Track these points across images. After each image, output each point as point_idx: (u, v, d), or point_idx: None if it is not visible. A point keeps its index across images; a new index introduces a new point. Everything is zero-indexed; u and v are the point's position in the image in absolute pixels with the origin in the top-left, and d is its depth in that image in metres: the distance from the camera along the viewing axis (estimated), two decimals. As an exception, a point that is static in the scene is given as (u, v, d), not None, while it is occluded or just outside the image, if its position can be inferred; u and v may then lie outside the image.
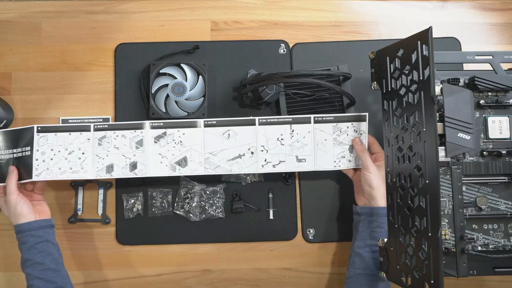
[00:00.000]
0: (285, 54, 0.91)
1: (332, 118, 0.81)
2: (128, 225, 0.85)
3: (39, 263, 0.70)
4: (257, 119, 0.81)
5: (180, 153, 0.81)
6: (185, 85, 0.82)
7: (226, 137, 0.81)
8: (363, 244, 0.75)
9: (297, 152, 0.81)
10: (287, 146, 0.81)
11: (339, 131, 0.82)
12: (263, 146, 0.81)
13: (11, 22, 0.90)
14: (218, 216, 0.85)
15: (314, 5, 0.94)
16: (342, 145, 0.82)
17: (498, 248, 0.77)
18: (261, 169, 0.81)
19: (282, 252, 0.86)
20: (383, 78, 0.78)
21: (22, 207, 0.73)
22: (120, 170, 0.80)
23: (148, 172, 0.80)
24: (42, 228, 0.73)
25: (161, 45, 0.90)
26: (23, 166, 0.78)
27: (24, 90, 0.88)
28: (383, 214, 0.75)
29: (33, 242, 0.71)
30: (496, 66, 0.78)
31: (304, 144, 0.81)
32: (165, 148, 0.80)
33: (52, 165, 0.78)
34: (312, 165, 0.81)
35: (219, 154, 0.81)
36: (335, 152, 0.82)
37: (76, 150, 0.79)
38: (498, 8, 0.95)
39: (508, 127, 0.78)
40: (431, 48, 0.65)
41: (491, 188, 0.78)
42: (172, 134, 0.81)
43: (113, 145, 0.80)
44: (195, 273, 0.86)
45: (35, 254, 0.70)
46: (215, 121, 0.81)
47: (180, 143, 0.81)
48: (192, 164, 0.80)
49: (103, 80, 0.89)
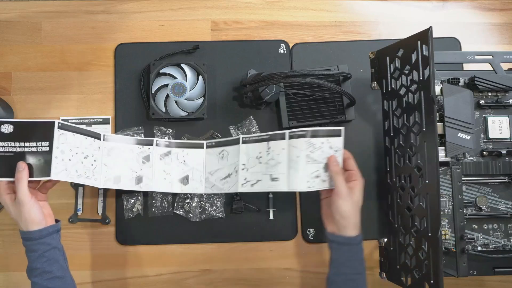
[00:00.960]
0: (285, 54, 0.91)
1: (305, 133, 0.73)
2: (128, 225, 0.85)
3: (47, 272, 0.68)
4: (241, 137, 0.81)
5: (183, 172, 0.84)
6: (185, 85, 0.82)
7: (221, 157, 0.83)
8: (338, 272, 0.71)
9: (271, 171, 0.76)
10: (263, 164, 0.77)
11: (312, 147, 0.73)
12: (244, 165, 0.79)
13: (11, 22, 0.90)
14: (218, 216, 0.85)
15: (314, 5, 0.94)
16: (315, 163, 0.72)
17: (498, 248, 0.77)
18: (241, 188, 0.79)
19: (282, 252, 0.86)
20: (383, 78, 0.78)
21: (36, 213, 0.68)
22: (127, 182, 0.80)
23: (153, 187, 0.82)
24: (51, 234, 0.70)
25: (161, 45, 0.90)
26: (37, 162, 0.71)
27: (24, 90, 0.88)
28: (356, 243, 0.70)
29: (42, 251, 0.68)
30: (496, 66, 0.78)
31: (278, 162, 0.75)
32: (170, 165, 0.83)
33: (70, 166, 0.74)
34: (285, 185, 0.74)
35: (215, 174, 0.83)
36: (308, 170, 0.72)
37: (90, 156, 0.76)
38: (498, 8, 0.95)
39: (508, 127, 0.78)
40: (431, 48, 0.65)
41: (491, 188, 0.78)
42: (176, 153, 0.84)
43: (121, 157, 0.79)
44: (195, 273, 0.86)
45: (43, 263, 0.68)
46: (214, 142, 0.84)
47: (184, 162, 0.84)
48: (193, 183, 0.84)
49: (103, 80, 0.89)
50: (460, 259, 0.73)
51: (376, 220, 0.86)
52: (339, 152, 0.73)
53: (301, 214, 0.87)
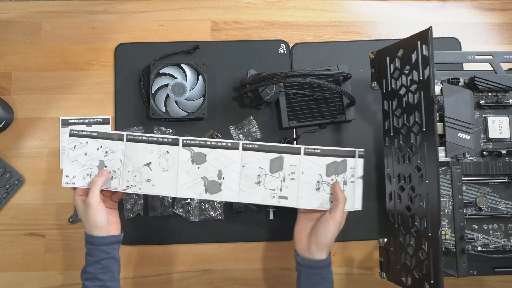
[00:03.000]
0: (285, 54, 0.91)
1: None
2: (128, 225, 0.85)
3: (99, 279, 0.69)
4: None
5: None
6: (185, 85, 0.82)
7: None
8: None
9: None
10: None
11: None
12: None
13: (11, 22, 0.90)
14: (217, 217, 0.85)
15: (314, 5, 0.94)
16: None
17: (498, 248, 0.77)
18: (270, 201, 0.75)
19: (282, 252, 0.86)
20: (383, 78, 0.78)
21: (101, 218, 0.69)
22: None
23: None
24: (112, 244, 0.71)
25: (161, 45, 0.90)
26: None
27: (24, 90, 0.88)
28: (327, 265, 0.71)
29: (100, 258, 0.69)
30: (496, 66, 0.78)
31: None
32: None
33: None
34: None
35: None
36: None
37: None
38: (498, 8, 0.95)
39: (508, 127, 0.78)
40: (431, 48, 0.65)
41: (491, 188, 0.78)
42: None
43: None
44: (195, 273, 0.86)
45: (98, 269, 0.69)
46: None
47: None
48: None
49: (103, 80, 0.89)
50: (460, 259, 0.73)
51: (376, 220, 0.86)
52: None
53: (301, 214, 0.87)
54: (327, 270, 0.71)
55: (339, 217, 0.70)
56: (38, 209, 0.86)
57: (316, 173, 0.73)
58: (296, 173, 0.73)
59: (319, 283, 0.70)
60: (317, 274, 0.70)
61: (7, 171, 0.85)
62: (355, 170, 0.73)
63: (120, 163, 0.74)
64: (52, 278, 0.85)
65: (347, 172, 0.73)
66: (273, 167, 0.74)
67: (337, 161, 0.73)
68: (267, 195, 0.74)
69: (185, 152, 0.74)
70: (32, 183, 0.86)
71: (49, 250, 0.85)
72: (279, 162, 0.74)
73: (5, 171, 0.85)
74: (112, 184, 0.74)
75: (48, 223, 0.86)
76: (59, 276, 0.85)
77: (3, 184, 0.85)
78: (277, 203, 0.74)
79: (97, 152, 0.75)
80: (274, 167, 0.74)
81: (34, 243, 0.85)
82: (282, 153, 0.74)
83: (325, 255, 0.71)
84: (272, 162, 0.74)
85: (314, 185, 0.73)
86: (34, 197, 0.86)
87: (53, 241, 0.85)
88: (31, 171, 0.86)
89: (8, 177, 0.85)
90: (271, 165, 0.74)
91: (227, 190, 0.74)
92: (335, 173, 0.73)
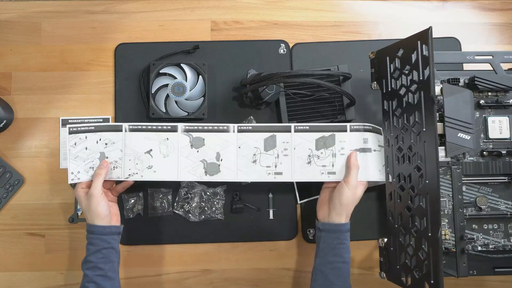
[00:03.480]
0: (285, 54, 0.91)
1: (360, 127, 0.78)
2: (128, 225, 0.85)
3: (100, 268, 0.71)
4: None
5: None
6: (185, 85, 0.82)
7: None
8: (324, 261, 0.73)
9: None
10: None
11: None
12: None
13: (11, 22, 0.90)
14: (217, 218, 0.85)
15: (314, 5, 0.94)
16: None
17: (498, 248, 0.77)
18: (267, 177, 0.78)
19: (282, 252, 0.86)
20: (383, 78, 0.78)
21: (103, 208, 0.72)
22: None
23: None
24: (112, 234, 0.73)
25: (161, 45, 0.90)
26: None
27: (24, 90, 0.88)
28: (345, 231, 0.74)
29: (101, 247, 0.71)
30: (496, 66, 0.78)
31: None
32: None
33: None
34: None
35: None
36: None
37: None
38: (498, 8, 0.95)
39: (508, 127, 0.78)
40: (431, 48, 0.65)
41: (491, 188, 0.78)
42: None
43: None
44: (195, 273, 0.86)
45: (99, 259, 0.71)
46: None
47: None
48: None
49: (103, 80, 0.89)
50: (460, 259, 0.73)
51: (376, 220, 0.86)
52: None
53: (301, 214, 0.87)
54: (344, 235, 0.73)
55: (352, 181, 0.74)
56: (38, 209, 0.86)
57: (307, 148, 0.78)
58: (289, 149, 0.78)
59: (336, 248, 0.73)
60: (335, 238, 0.73)
61: (7, 171, 0.85)
62: (345, 143, 0.77)
63: (121, 153, 0.77)
64: (52, 278, 0.85)
65: (336, 145, 0.77)
66: (267, 146, 0.78)
67: (325, 135, 0.78)
68: (263, 173, 0.78)
69: (184, 137, 0.78)
70: (32, 183, 0.86)
71: (49, 250, 0.85)
72: (272, 141, 0.78)
73: (5, 171, 0.85)
74: (114, 174, 0.77)
75: (48, 223, 0.86)
76: (59, 276, 0.85)
77: (3, 184, 0.85)
78: (273, 179, 0.78)
79: (97, 145, 0.77)
80: (268, 145, 0.78)
81: (34, 243, 0.85)
82: (275, 132, 0.78)
83: (344, 220, 0.74)
84: (266, 141, 0.78)
85: (305, 159, 0.78)
86: (34, 197, 0.86)
87: (53, 241, 0.85)
88: (31, 171, 0.86)
89: (8, 177, 0.85)
90: (265, 144, 0.78)
91: (225, 171, 0.77)
92: (324, 147, 0.78)
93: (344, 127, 0.78)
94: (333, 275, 0.72)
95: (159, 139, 0.77)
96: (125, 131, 0.77)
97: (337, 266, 0.72)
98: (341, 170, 0.77)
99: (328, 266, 0.72)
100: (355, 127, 0.78)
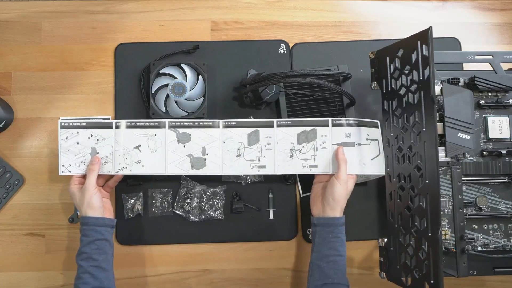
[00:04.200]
0: (285, 54, 0.90)
1: (343, 122, 0.80)
2: (128, 225, 0.85)
3: (94, 259, 0.72)
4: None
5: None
6: (185, 85, 0.82)
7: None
8: (320, 256, 0.74)
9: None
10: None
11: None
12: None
13: (11, 22, 0.90)
14: (217, 217, 0.85)
15: (314, 5, 0.94)
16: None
17: (498, 248, 0.77)
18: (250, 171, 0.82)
19: (282, 252, 0.86)
20: (383, 78, 0.78)
21: (96, 200, 0.74)
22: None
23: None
24: (106, 226, 0.75)
25: (161, 45, 0.90)
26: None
27: (24, 90, 0.88)
28: (339, 224, 0.75)
29: (94, 238, 0.73)
30: (496, 66, 0.78)
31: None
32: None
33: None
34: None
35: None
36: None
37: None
38: (498, 8, 0.95)
39: (508, 127, 0.78)
40: (431, 48, 0.65)
41: (491, 188, 0.78)
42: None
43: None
44: (195, 273, 0.86)
45: (93, 250, 0.72)
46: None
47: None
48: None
49: (103, 80, 0.89)
50: (460, 259, 0.73)
51: (376, 220, 0.86)
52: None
53: (301, 214, 0.87)
54: (339, 229, 0.75)
55: (343, 176, 0.75)
56: (38, 209, 0.86)
57: (289, 142, 0.80)
58: (271, 144, 0.81)
59: (331, 241, 0.74)
60: (329, 232, 0.74)
61: (7, 171, 0.85)
62: (327, 138, 0.80)
63: (112, 148, 0.80)
64: (52, 278, 0.85)
65: (318, 140, 0.80)
66: (251, 140, 0.81)
67: (307, 130, 0.80)
68: (247, 166, 0.80)
69: (171, 133, 0.81)
70: (32, 183, 0.86)
71: (49, 250, 0.85)
72: (256, 135, 0.81)
73: (5, 171, 0.85)
74: (105, 168, 0.80)
75: (48, 223, 0.86)
76: (59, 276, 0.85)
77: (3, 184, 0.85)
78: (257, 172, 0.81)
79: (89, 140, 0.80)
80: (251, 140, 0.81)
81: (34, 243, 0.85)
82: (258, 127, 0.81)
83: (338, 214, 0.75)
84: (250, 136, 0.81)
85: (288, 153, 0.80)
86: (34, 197, 0.86)
87: (53, 241, 0.85)
88: (31, 171, 0.86)
89: (8, 177, 0.85)
90: (249, 139, 0.81)
91: (211, 165, 0.81)
92: (305, 141, 0.80)
93: (326, 122, 0.80)
94: (329, 269, 0.73)
95: (147, 135, 0.80)
96: (116, 127, 0.80)
97: (333, 260, 0.73)
98: (323, 163, 0.80)
99: (324, 260, 0.73)
100: (338, 122, 0.80)
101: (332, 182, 0.75)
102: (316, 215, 0.77)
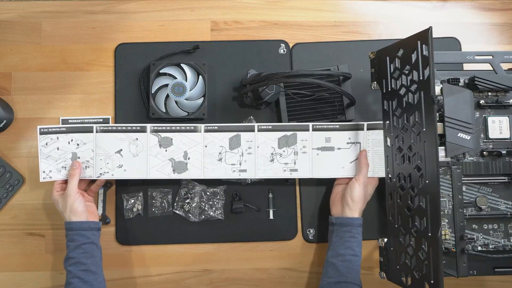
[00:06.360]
0: (285, 54, 0.90)
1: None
2: (128, 225, 0.85)
3: (82, 263, 0.72)
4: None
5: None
6: (185, 85, 0.82)
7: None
8: (336, 254, 0.75)
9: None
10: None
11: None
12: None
13: (11, 22, 0.90)
14: (217, 217, 0.85)
15: (314, 5, 0.94)
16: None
17: (498, 248, 0.77)
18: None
19: (282, 252, 0.86)
20: (383, 78, 0.78)
21: (79, 205, 0.74)
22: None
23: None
24: (91, 229, 0.74)
25: (161, 45, 0.90)
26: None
27: (24, 90, 0.88)
28: (357, 225, 0.76)
29: (81, 242, 0.73)
30: (496, 66, 0.78)
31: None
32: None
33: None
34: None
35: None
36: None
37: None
38: (498, 8, 0.95)
39: (508, 127, 0.78)
40: (431, 48, 0.65)
41: (491, 188, 0.78)
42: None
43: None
44: (195, 273, 0.86)
45: (80, 254, 0.72)
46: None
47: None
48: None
49: (103, 80, 0.89)
50: (460, 259, 0.73)
51: (376, 220, 0.86)
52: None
53: (301, 214, 0.87)
54: (356, 229, 0.76)
55: (362, 179, 0.78)
56: (38, 209, 0.86)
57: (270, 146, 0.82)
58: (252, 148, 0.82)
59: (348, 241, 0.75)
60: (347, 231, 0.76)
61: (7, 171, 0.85)
62: (307, 142, 0.82)
63: (92, 153, 0.81)
64: (52, 278, 0.85)
65: (298, 144, 0.82)
66: (232, 144, 0.82)
67: (287, 134, 0.82)
68: (229, 170, 0.82)
69: (153, 137, 0.81)
70: (32, 183, 0.86)
71: (49, 250, 0.85)
72: (237, 140, 0.82)
73: (5, 171, 0.85)
74: (87, 173, 0.80)
75: (48, 223, 0.86)
76: (59, 276, 0.85)
77: (3, 184, 0.85)
78: (238, 176, 0.82)
79: (69, 145, 0.81)
80: (233, 144, 0.82)
81: (34, 243, 0.85)
82: (239, 131, 0.82)
83: (356, 215, 0.77)
84: (231, 140, 0.82)
85: (268, 157, 0.82)
86: (34, 197, 0.86)
87: (53, 241, 0.85)
88: (31, 171, 0.86)
89: (8, 177, 0.85)
90: (230, 143, 0.82)
91: (192, 169, 0.81)
92: (286, 145, 0.82)
93: (306, 127, 0.82)
94: (343, 267, 0.73)
95: (129, 139, 0.81)
96: (96, 132, 0.81)
97: (348, 259, 0.74)
98: (303, 167, 0.82)
99: (339, 258, 0.74)
100: (318, 127, 0.82)
101: (352, 184, 0.78)
102: (335, 215, 0.79)
